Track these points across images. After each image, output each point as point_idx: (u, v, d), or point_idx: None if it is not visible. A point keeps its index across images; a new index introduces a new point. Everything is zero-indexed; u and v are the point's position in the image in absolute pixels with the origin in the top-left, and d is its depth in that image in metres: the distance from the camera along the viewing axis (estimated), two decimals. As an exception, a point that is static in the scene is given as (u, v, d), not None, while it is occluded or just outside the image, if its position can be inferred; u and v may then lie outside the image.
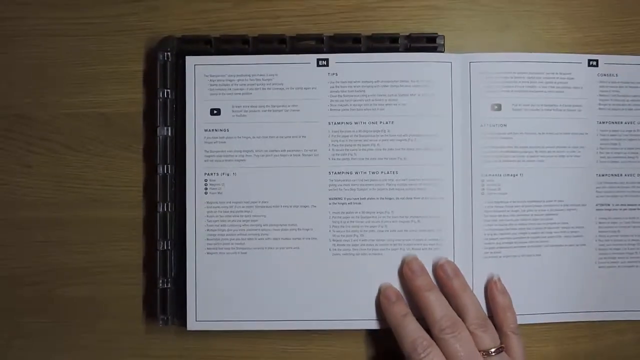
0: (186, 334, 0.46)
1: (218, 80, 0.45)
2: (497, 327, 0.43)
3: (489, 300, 0.44)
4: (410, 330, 0.42)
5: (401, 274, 0.44)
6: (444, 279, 0.43)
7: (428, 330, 0.42)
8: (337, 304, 0.45)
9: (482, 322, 0.42)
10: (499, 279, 0.44)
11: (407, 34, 0.46)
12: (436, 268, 0.44)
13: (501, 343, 0.42)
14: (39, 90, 0.47)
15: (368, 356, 0.47)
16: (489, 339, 0.41)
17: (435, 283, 0.44)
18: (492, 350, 0.41)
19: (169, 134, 0.45)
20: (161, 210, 0.45)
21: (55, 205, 0.47)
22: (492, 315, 0.44)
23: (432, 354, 0.40)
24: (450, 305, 0.43)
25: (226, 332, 0.46)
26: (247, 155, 0.45)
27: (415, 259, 0.44)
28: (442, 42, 0.46)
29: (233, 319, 0.45)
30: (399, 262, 0.45)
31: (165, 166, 0.45)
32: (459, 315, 0.42)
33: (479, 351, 0.41)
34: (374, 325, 0.45)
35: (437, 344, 0.41)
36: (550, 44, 0.47)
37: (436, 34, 0.46)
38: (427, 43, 0.46)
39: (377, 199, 0.45)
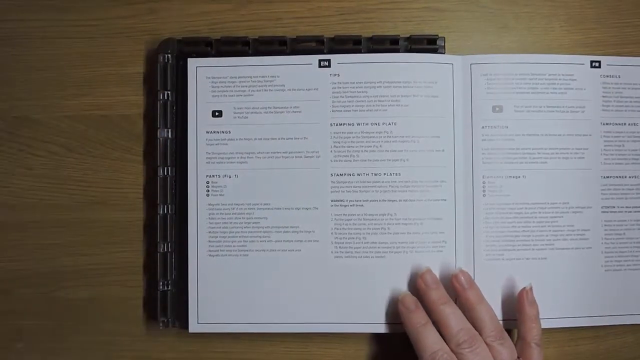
0: (187, 336, 0.47)
1: (220, 82, 0.47)
2: (521, 336, 0.44)
3: (518, 308, 0.44)
4: (431, 341, 0.42)
5: (414, 285, 0.45)
6: (459, 290, 0.44)
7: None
8: (339, 307, 0.46)
9: (499, 334, 0.43)
10: (531, 289, 0.44)
11: (408, 35, 0.47)
12: (451, 278, 0.44)
13: (520, 354, 0.43)
14: (40, 92, 0.49)
15: (369, 358, 0.48)
16: (507, 352, 0.42)
17: (448, 295, 0.44)
18: None
19: (170, 135, 0.47)
20: (162, 212, 0.47)
21: (56, 208, 0.48)
22: (518, 323, 0.44)
23: None
24: (465, 316, 0.43)
25: (228, 334, 0.47)
26: (248, 157, 0.46)
27: (429, 271, 0.45)
28: (443, 44, 0.47)
29: (235, 322, 0.46)
30: (401, 265, 0.46)
31: (166, 168, 0.47)
32: (475, 327, 0.43)
33: None
34: (375, 328, 0.46)
35: None
36: (551, 45, 0.49)
37: (436, 35, 0.47)
38: (428, 45, 0.47)
39: (380, 200, 0.46)
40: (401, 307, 0.44)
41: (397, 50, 0.47)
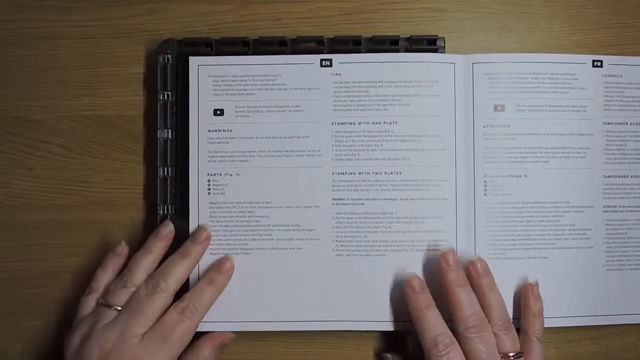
0: (188, 336, 0.48)
1: (221, 81, 0.47)
2: (523, 330, 0.45)
3: (522, 302, 0.46)
4: (434, 324, 0.43)
5: (426, 270, 0.46)
6: (474, 276, 0.45)
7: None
8: (340, 305, 0.46)
9: (505, 324, 0.44)
10: (537, 284, 0.46)
11: (408, 35, 0.48)
12: (467, 264, 0.45)
13: (521, 348, 0.44)
14: (40, 92, 0.50)
15: (371, 357, 0.49)
16: (510, 343, 0.43)
17: (466, 279, 0.45)
18: (512, 354, 0.43)
19: (169, 136, 0.48)
20: (161, 212, 0.47)
21: (56, 208, 0.49)
22: (521, 317, 0.45)
23: (453, 352, 0.42)
24: None
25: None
26: (250, 155, 0.47)
27: (453, 252, 0.45)
28: (443, 44, 0.48)
29: (235, 320, 0.46)
30: (402, 263, 0.46)
31: (166, 168, 0.47)
32: (484, 314, 0.44)
33: (499, 353, 0.42)
34: (376, 326, 0.46)
35: (458, 340, 0.42)
36: (551, 45, 0.50)
37: (436, 36, 0.48)
38: (428, 45, 0.48)
39: (381, 199, 0.47)
40: (407, 288, 0.45)
41: (397, 51, 0.48)
